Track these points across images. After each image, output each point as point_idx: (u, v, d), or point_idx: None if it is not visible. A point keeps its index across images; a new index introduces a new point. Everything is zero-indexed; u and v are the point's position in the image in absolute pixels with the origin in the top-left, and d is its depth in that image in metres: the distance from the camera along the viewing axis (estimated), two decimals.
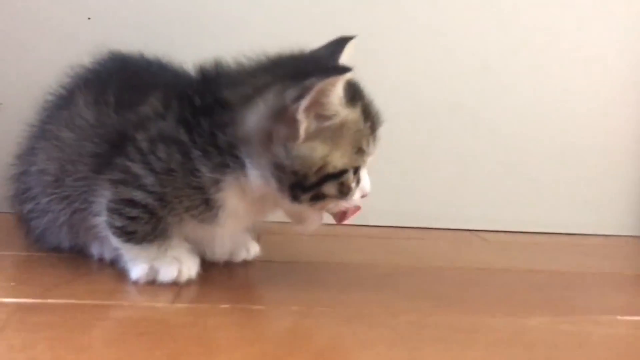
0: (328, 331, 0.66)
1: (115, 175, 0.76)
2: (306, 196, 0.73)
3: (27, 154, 0.88)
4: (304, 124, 0.70)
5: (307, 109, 0.69)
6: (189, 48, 0.94)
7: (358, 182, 0.76)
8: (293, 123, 0.70)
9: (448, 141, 1.26)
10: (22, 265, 0.86)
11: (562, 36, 1.26)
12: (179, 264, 0.78)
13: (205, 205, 0.76)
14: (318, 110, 0.70)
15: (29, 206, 0.87)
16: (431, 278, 0.90)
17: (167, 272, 0.78)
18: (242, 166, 0.74)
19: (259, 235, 0.97)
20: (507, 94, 1.26)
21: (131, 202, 0.75)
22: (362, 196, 0.78)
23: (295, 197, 0.73)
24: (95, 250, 0.88)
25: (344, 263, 0.96)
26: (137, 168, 0.75)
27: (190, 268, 0.79)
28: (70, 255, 0.88)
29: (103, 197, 0.77)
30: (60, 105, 0.87)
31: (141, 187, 0.74)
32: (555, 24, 1.25)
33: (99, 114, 0.80)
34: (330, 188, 0.74)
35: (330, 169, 0.72)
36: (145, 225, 0.76)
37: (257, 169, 0.73)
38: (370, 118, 0.76)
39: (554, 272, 0.97)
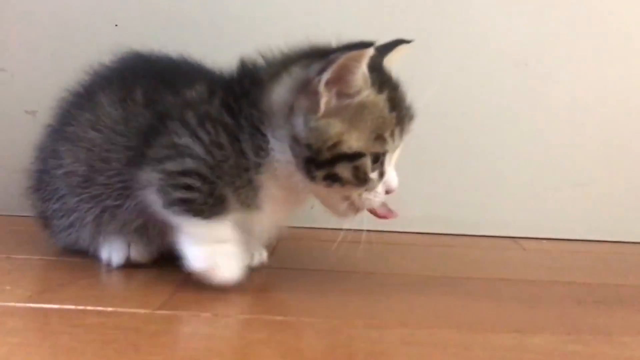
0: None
1: (158, 153, 0.76)
2: (320, 174, 0.74)
3: (50, 156, 0.88)
4: (325, 98, 0.71)
5: (329, 84, 0.71)
6: (216, 56, 0.92)
7: (381, 175, 0.76)
8: (314, 96, 0.71)
9: (485, 143, 1.18)
10: (26, 269, 0.87)
11: (610, 27, 1.15)
12: (237, 262, 0.78)
13: (250, 186, 0.77)
14: (341, 87, 0.72)
15: (54, 206, 0.87)
16: (451, 289, 0.85)
17: (227, 269, 0.77)
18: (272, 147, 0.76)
19: (274, 244, 0.97)
20: (547, 92, 1.16)
21: (182, 172, 0.75)
22: (387, 192, 0.78)
23: (309, 173, 0.74)
24: (104, 254, 0.87)
25: (369, 272, 0.92)
26: (184, 140, 0.75)
27: (236, 267, 0.78)
28: (81, 260, 0.88)
29: (150, 185, 0.77)
30: (81, 106, 0.87)
31: (191, 155, 0.75)
32: (598, 14, 1.15)
33: (126, 112, 0.82)
34: (343, 170, 0.73)
35: (344, 148, 0.72)
36: (203, 194, 0.75)
37: (278, 142, 0.75)
38: (397, 108, 0.76)
39: (586, 285, 0.88)
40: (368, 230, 1.12)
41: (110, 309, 0.70)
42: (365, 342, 0.63)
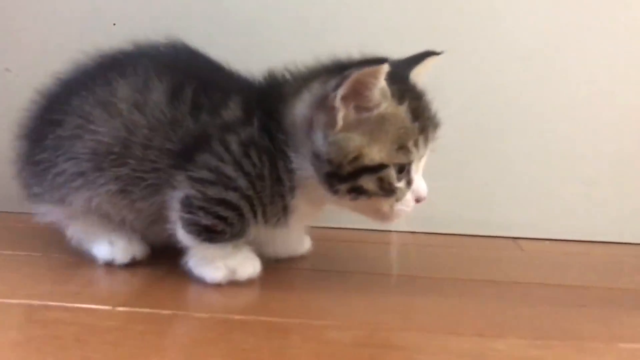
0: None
1: (199, 173, 0.76)
2: (343, 187, 0.74)
3: (70, 111, 0.82)
4: (341, 112, 0.71)
5: (345, 98, 0.71)
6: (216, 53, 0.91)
7: (409, 183, 0.76)
8: (331, 111, 0.72)
9: (486, 140, 1.14)
10: (10, 265, 0.88)
11: (626, 19, 1.09)
12: (252, 261, 0.80)
13: (283, 212, 0.79)
14: (358, 101, 0.72)
15: (64, 164, 0.81)
16: (428, 290, 0.82)
17: (245, 271, 0.79)
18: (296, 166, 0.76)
19: None
20: (556, 87, 1.11)
21: (223, 202, 0.76)
22: (417, 200, 0.77)
23: (332, 187, 0.74)
24: (102, 254, 0.86)
25: (347, 271, 0.90)
26: (229, 170, 0.75)
27: (256, 265, 0.81)
28: (66, 256, 0.89)
29: (181, 192, 0.77)
30: (125, 76, 0.82)
31: (236, 189, 0.75)
32: (613, 5, 1.09)
33: (175, 110, 0.79)
34: (368, 182, 0.73)
35: (366, 161, 0.72)
36: (233, 226, 0.77)
37: (300, 159, 0.76)
38: (420, 118, 0.75)
39: (575, 287, 0.84)
40: (360, 230, 1.12)
41: (74, 305, 0.70)
42: (317, 343, 0.61)
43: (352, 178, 0.73)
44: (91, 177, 0.81)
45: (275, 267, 0.87)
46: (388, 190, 0.74)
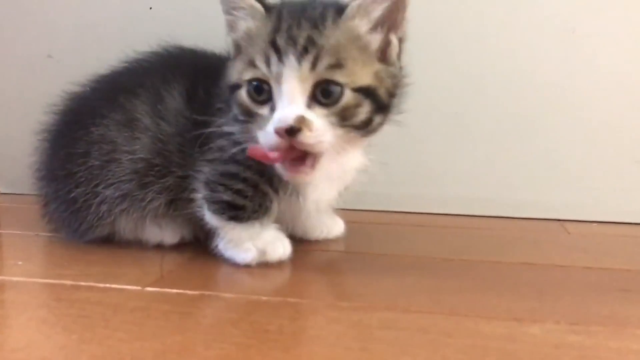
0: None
1: (213, 154, 0.78)
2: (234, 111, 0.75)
3: (98, 141, 0.84)
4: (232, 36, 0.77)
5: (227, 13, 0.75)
6: None
7: (272, 110, 0.69)
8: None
9: (529, 117, 1.09)
10: (46, 246, 0.90)
11: None
12: (281, 242, 0.79)
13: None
14: (232, 17, 0.75)
15: (107, 191, 0.82)
16: (464, 273, 0.79)
17: (275, 251, 0.78)
18: None
19: None
20: (597, 62, 1.06)
21: (232, 175, 0.76)
22: (275, 131, 0.66)
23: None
24: (153, 237, 0.87)
25: (382, 253, 0.87)
26: (230, 146, 0.76)
27: (286, 246, 0.79)
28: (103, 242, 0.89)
29: (201, 174, 0.78)
30: (138, 95, 0.84)
31: (236, 162, 0.76)
32: None
33: (193, 110, 0.81)
34: (234, 105, 0.74)
35: (228, 81, 0.75)
36: (252, 201, 0.76)
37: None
38: (277, 31, 0.70)
39: (622, 271, 0.80)
40: (399, 212, 1.10)
41: (102, 285, 0.71)
42: (343, 325, 0.60)
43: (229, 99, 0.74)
44: (138, 195, 0.82)
45: (307, 249, 0.85)
46: (246, 114, 0.71)
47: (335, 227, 0.92)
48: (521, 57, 1.08)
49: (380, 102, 0.72)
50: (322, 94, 0.68)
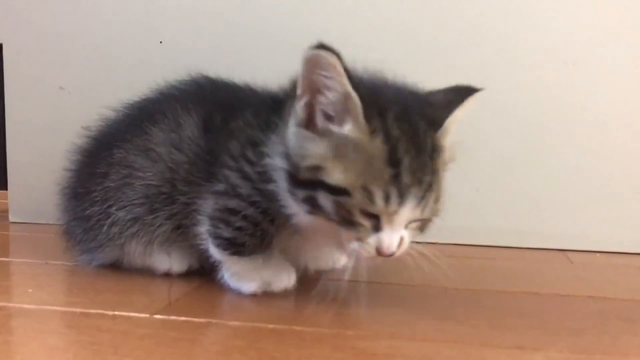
0: None
1: (217, 186, 0.78)
2: (300, 193, 0.68)
3: (119, 163, 0.85)
4: (304, 100, 0.67)
5: (307, 87, 0.67)
6: (259, 70, 0.93)
7: (376, 229, 0.67)
8: (298, 99, 0.68)
9: (532, 147, 1.11)
10: (57, 274, 0.91)
11: None
12: (286, 272, 0.80)
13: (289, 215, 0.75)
14: (321, 102, 0.66)
15: (119, 213, 0.84)
16: (471, 302, 0.81)
17: (280, 282, 0.79)
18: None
19: None
20: (598, 93, 1.08)
21: (233, 211, 0.76)
22: (378, 250, 0.67)
23: (290, 188, 0.69)
24: (162, 265, 0.88)
25: (394, 283, 0.89)
26: (233, 177, 0.76)
27: (291, 275, 0.80)
28: (110, 266, 0.91)
29: (206, 206, 0.79)
30: (156, 122, 0.85)
31: (239, 197, 0.76)
32: None
33: (208, 140, 0.82)
34: (325, 200, 0.66)
35: (325, 177, 0.65)
36: (252, 237, 0.76)
37: (277, 152, 0.72)
38: (399, 165, 0.65)
39: (624, 301, 0.81)
40: None
41: (112, 312, 0.72)
42: (349, 354, 0.60)
43: (309, 187, 0.67)
44: (147, 220, 0.83)
45: (312, 277, 0.86)
46: (346, 221, 0.66)
47: (341, 257, 0.93)
48: (523, 89, 1.10)
49: None
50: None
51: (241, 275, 0.79)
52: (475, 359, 0.60)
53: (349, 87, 0.64)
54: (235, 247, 0.77)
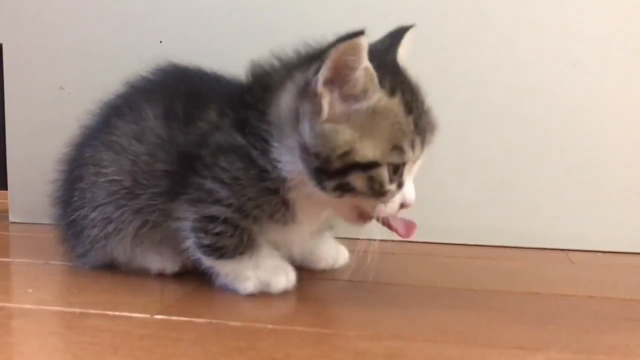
0: None
1: (192, 194, 0.78)
2: (331, 184, 0.70)
3: (87, 162, 0.86)
4: (326, 99, 0.68)
5: (329, 83, 0.68)
6: None
7: (400, 186, 0.72)
8: (315, 98, 0.68)
9: (533, 148, 1.11)
10: (56, 275, 0.91)
11: None
12: (284, 272, 0.79)
13: (284, 206, 0.76)
14: (343, 87, 0.68)
15: (92, 215, 0.85)
16: (470, 302, 0.80)
17: (279, 282, 0.79)
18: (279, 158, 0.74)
19: None
20: (599, 94, 1.08)
21: (212, 218, 0.76)
22: (402, 206, 0.72)
23: (319, 183, 0.71)
24: (154, 264, 0.88)
25: (395, 283, 0.88)
26: (208, 184, 0.76)
27: (290, 275, 0.80)
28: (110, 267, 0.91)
29: (187, 219, 0.79)
30: (122, 115, 0.86)
31: (217, 202, 0.76)
32: None
33: (169, 130, 0.82)
34: (357, 181, 0.69)
35: (357, 157, 0.68)
36: (232, 238, 0.77)
37: (283, 151, 0.73)
38: (415, 114, 0.70)
39: (625, 301, 0.80)
40: (402, 241, 1.10)
41: (112, 312, 0.72)
42: (349, 354, 0.60)
43: (341, 174, 0.69)
44: (117, 218, 0.83)
45: (312, 278, 0.86)
46: (378, 192, 0.70)
47: (340, 257, 0.93)
48: (523, 90, 1.10)
49: None
50: None
51: (234, 277, 0.79)
52: (477, 359, 0.59)
53: (367, 61, 0.67)
54: (217, 252, 0.78)
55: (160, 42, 1.23)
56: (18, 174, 1.31)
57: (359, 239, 0.76)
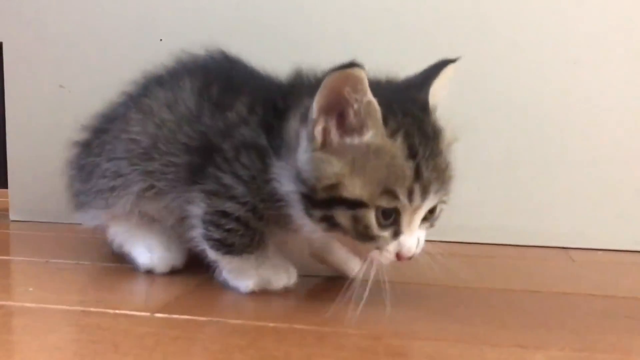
0: None
1: (208, 185, 0.77)
2: (316, 213, 0.69)
3: (118, 118, 0.88)
4: (320, 126, 0.66)
5: (324, 112, 0.66)
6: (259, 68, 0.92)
7: (396, 234, 0.68)
8: (311, 125, 0.67)
9: (534, 146, 1.11)
10: (56, 273, 0.91)
11: None
12: (285, 270, 0.79)
13: (284, 216, 0.75)
14: (341, 117, 0.66)
15: (106, 165, 0.86)
16: (471, 300, 0.80)
17: (279, 280, 0.79)
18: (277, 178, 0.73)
19: None
20: (607, 93, 1.08)
21: (225, 214, 0.76)
22: (399, 257, 0.69)
23: (306, 210, 0.69)
24: (143, 259, 0.87)
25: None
26: (227, 179, 0.75)
27: (291, 273, 0.80)
28: (112, 264, 0.92)
29: (198, 208, 0.78)
30: (162, 83, 0.87)
31: (232, 199, 0.75)
32: None
33: (200, 106, 0.82)
34: (342, 217, 0.67)
35: (344, 193, 0.66)
36: (242, 237, 0.76)
37: (281, 170, 0.72)
38: (419, 159, 0.66)
39: (627, 299, 0.80)
40: None
41: (112, 311, 0.72)
42: (350, 352, 0.60)
43: (325, 206, 0.67)
44: (127, 174, 0.84)
45: (313, 276, 0.86)
46: (363, 234, 0.67)
47: (354, 266, 0.88)
48: (524, 87, 1.10)
49: None
50: (429, 212, 0.70)
51: (237, 274, 0.79)
52: (477, 358, 0.59)
53: (370, 95, 0.64)
54: (226, 247, 0.77)
55: (161, 40, 1.23)
56: (18, 172, 1.31)
57: None
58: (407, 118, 0.68)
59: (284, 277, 0.79)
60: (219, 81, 0.83)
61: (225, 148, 0.76)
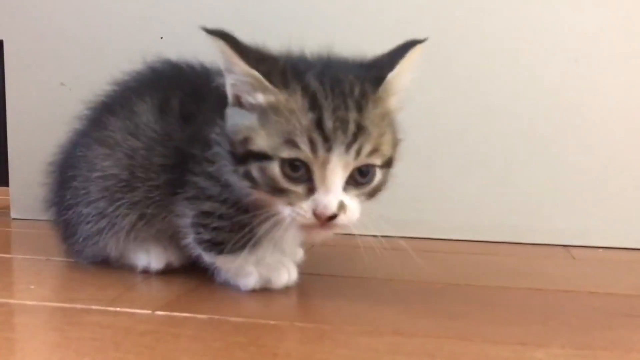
0: None
1: (189, 192, 0.78)
2: (240, 170, 0.70)
3: (80, 160, 0.87)
4: (228, 81, 0.71)
5: (226, 71, 0.71)
6: None
7: (310, 191, 0.67)
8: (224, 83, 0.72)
9: (534, 144, 1.11)
10: (58, 270, 0.92)
11: None
12: (286, 268, 0.80)
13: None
14: (231, 76, 0.70)
15: (85, 210, 0.85)
16: (470, 298, 0.80)
17: (280, 278, 0.79)
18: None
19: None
20: (599, 90, 1.07)
21: (208, 214, 0.77)
22: (315, 213, 0.67)
23: (234, 167, 0.72)
24: (141, 260, 0.88)
25: (389, 279, 0.88)
26: (201, 181, 0.76)
27: (291, 271, 0.80)
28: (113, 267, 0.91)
29: (186, 217, 0.79)
30: (114, 112, 0.86)
31: (210, 198, 0.76)
32: None
33: (164, 124, 0.82)
34: (255, 170, 0.69)
35: (252, 146, 0.69)
36: (230, 233, 0.76)
37: (223, 140, 0.74)
38: (322, 113, 0.66)
39: (627, 297, 0.80)
40: (406, 237, 1.10)
41: (113, 308, 0.72)
42: (351, 349, 0.60)
43: (244, 161, 0.69)
44: (111, 212, 0.83)
45: (314, 273, 0.86)
46: (272, 187, 0.68)
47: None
48: (525, 85, 1.10)
49: (392, 166, 0.73)
50: (359, 175, 0.69)
51: (235, 273, 0.79)
52: (478, 355, 0.59)
53: (246, 67, 0.68)
54: (217, 246, 0.77)
55: (161, 38, 1.23)
56: (19, 170, 1.31)
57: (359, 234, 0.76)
58: (318, 79, 0.68)
59: (284, 276, 0.79)
60: (177, 95, 0.84)
61: (195, 152, 0.77)
